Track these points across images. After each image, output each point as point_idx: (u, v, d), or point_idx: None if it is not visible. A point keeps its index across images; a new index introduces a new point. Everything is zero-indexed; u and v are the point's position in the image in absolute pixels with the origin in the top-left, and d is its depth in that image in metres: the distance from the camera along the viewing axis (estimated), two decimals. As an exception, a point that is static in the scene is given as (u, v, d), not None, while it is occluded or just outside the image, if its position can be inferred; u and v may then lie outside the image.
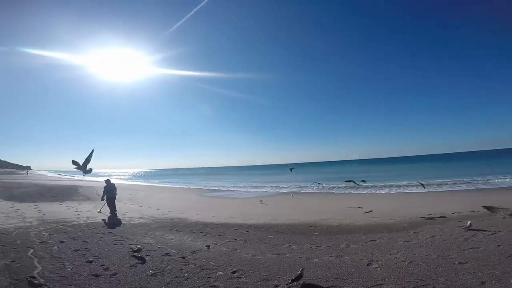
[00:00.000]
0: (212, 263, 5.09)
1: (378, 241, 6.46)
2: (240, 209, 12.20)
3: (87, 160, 10.38)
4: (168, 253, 5.63)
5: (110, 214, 10.44)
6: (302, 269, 4.31)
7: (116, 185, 11.61)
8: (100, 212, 10.85)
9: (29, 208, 11.33)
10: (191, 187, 30.83)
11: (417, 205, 11.86)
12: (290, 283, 4.17)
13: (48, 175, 67.75)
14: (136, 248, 5.48)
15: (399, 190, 18.63)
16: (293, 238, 6.98)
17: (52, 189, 21.34)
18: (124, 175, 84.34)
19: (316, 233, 7.47)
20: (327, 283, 4.17)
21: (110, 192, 11.04)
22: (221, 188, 26.96)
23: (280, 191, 22.43)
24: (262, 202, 13.85)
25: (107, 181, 11.42)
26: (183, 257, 5.39)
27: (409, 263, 4.82)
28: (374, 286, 4.02)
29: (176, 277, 4.41)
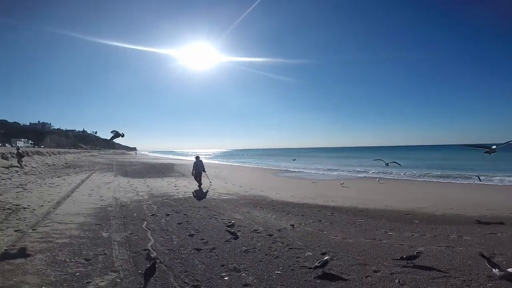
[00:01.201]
0: (300, 243, 5.09)
1: (499, 234, 5.41)
2: (319, 191, 11.91)
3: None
4: (257, 230, 5.89)
5: (197, 189, 11.89)
6: (419, 252, 4.03)
7: (203, 162, 13.17)
8: (211, 183, 13.05)
9: (140, 183, 13.71)
10: (265, 167, 31.94)
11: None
12: (398, 259, 4.03)
13: (149, 154, 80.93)
14: (230, 224, 5.90)
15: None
16: (388, 225, 6.41)
17: (154, 166, 25.41)
18: (206, 154, 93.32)
19: (417, 221, 6.69)
20: (438, 273, 3.73)
21: (197, 167, 12.70)
22: (293, 169, 26.87)
23: (359, 175, 20.95)
24: (343, 185, 13.18)
25: (197, 158, 13.16)
26: (270, 235, 5.55)
27: (545, 259, 3.92)
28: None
29: (266, 255, 4.53)
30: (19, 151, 20.83)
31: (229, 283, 3.58)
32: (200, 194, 10.65)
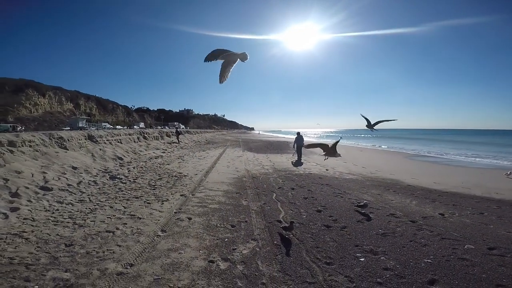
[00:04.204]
0: (455, 234, 4.31)
1: None
2: (472, 179, 9.40)
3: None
4: (394, 214, 5.32)
5: (296, 160, 13.90)
6: None
7: (304, 137, 14.97)
8: (293, 156, 14.82)
9: (263, 158, 15.04)
10: (387, 148, 28.49)
11: None
12: None
13: (264, 133, 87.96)
14: (363, 203, 5.53)
15: None
16: None
17: (271, 143, 27.45)
18: (313, 134, 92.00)
19: None
20: None
21: (298, 141, 14.35)
22: (427, 154, 22.20)
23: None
24: (510, 176, 9.92)
25: (298, 133, 14.97)
26: (413, 221, 4.91)
27: None
28: None
29: (411, 241, 4.06)
30: (177, 130, 27.31)
31: (365, 265, 3.39)
32: (294, 163, 12.85)
